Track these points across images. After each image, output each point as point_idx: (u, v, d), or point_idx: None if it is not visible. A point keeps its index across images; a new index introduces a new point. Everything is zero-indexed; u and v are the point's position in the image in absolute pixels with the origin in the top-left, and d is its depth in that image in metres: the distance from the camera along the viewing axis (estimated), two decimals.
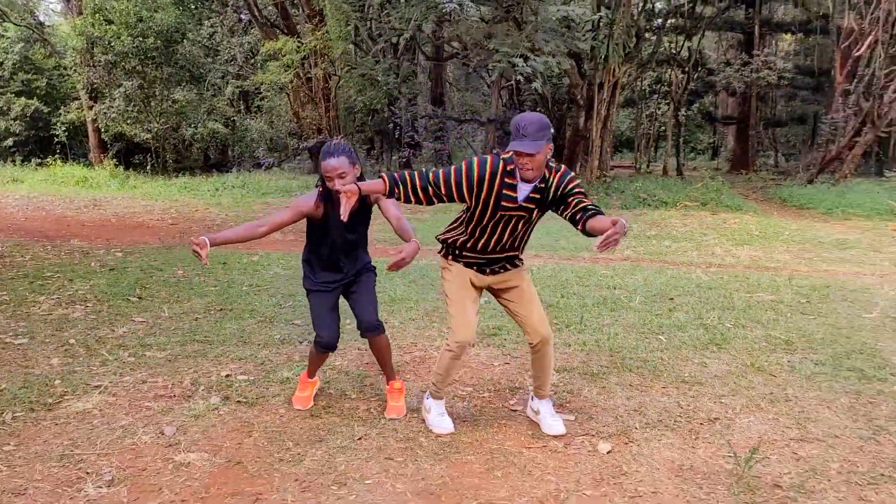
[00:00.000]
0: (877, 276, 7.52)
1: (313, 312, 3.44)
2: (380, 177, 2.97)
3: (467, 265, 3.26)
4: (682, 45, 20.34)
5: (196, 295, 6.28)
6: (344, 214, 2.87)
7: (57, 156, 20.83)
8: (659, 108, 28.32)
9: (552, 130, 2.95)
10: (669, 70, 22.60)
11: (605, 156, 17.42)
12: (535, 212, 3.08)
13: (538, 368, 3.32)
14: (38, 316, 5.46)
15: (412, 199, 2.99)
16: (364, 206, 3.32)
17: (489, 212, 3.05)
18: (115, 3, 18.74)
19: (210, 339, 4.83)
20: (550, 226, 11.50)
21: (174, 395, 3.74)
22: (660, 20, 20.38)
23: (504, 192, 3.00)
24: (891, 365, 4.31)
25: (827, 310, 5.83)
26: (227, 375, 4.04)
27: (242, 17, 25.09)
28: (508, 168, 2.99)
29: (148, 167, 19.97)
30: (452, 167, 3.03)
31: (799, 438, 3.22)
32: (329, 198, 3.26)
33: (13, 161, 20.99)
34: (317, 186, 3.31)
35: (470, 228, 3.14)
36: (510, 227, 3.10)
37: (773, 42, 29.06)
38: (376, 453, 3.04)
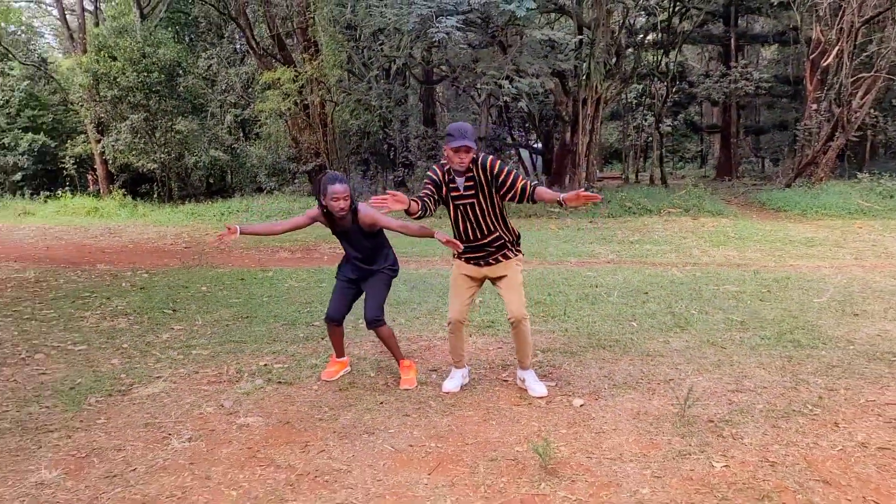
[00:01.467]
0: (834, 268, 8.32)
1: (332, 296, 4.35)
2: (413, 201, 3.75)
3: (468, 261, 4.07)
4: (661, 60, 21.27)
5: (223, 306, 7.05)
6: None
7: (66, 188, 21.61)
8: (645, 120, 29.29)
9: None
10: (652, 84, 23.57)
11: (592, 168, 18.29)
12: (479, 195, 3.82)
13: (517, 342, 4.07)
14: (88, 328, 6.21)
15: (431, 209, 3.84)
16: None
17: (450, 205, 3.92)
18: (120, 40, 19.64)
19: (243, 339, 5.59)
20: (541, 234, 12.33)
21: (224, 380, 4.50)
22: (640, 36, 21.34)
23: (451, 186, 3.89)
24: (824, 337, 5.09)
25: (783, 297, 6.62)
26: (265, 364, 4.80)
27: (238, 47, 26.08)
28: (446, 168, 3.88)
29: (154, 196, 20.76)
30: (426, 181, 3.96)
31: (735, 390, 4.00)
32: (329, 214, 4.14)
33: (22, 194, 21.79)
34: (320, 205, 4.17)
35: (452, 224, 4.02)
36: (471, 214, 3.88)
37: (756, 53, 30.15)
38: (396, 412, 3.81)
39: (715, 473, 2.96)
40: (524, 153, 27.34)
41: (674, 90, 21.36)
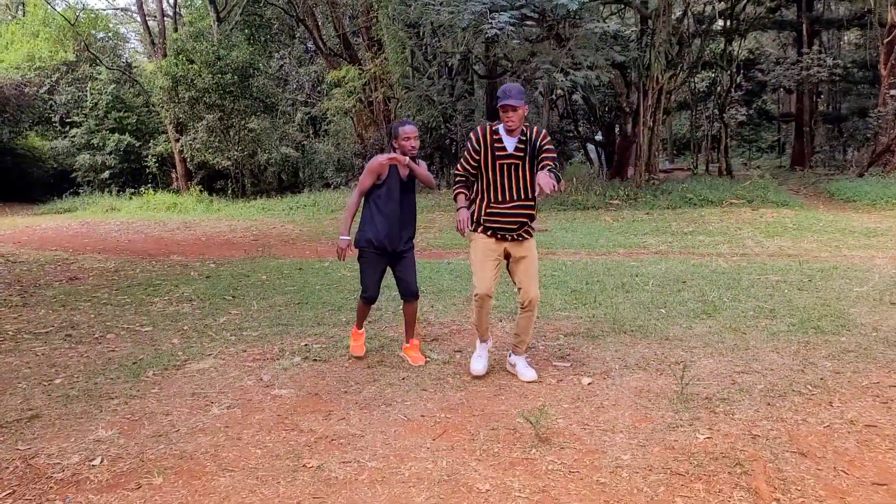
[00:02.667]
0: (889, 258, 8.13)
1: (364, 274, 4.69)
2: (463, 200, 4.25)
3: (490, 232, 4.15)
4: (729, 47, 20.79)
5: (278, 293, 7.54)
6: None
7: (149, 185, 22.95)
8: (716, 110, 28.59)
9: (526, 96, 4.17)
10: (718, 72, 23.05)
11: (654, 159, 18.11)
12: (525, 159, 4.06)
13: (521, 326, 4.22)
14: (156, 312, 6.80)
15: (466, 186, 4.25)
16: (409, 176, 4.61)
17: (490, 163, 4.08)
18: (196, 44, 20.72)
19: (291, 322, 6.04)
20: (594, 226, 12.42)
21: (267, 358, 4.92)
22: (704, 24, 20.92)
23: (495, 146, 4.07)
24: (850, 324, 5.11)
25: (823, 286, 6.59)
26: (306, 345, 5.21)
27: (308, 47, 26.98)
28: (493, 128, 4.10)
29: (229, 192, 21.83)
30: (464, 152, 4.22)
31: (741, 371, 4.13)
32: (391, 166, 4.54)
33: (109, 192, 23.26)
34: (392, 150, 4.59)
35: (483, 186, 4.14)
36: (510, 174, 4.07)
37: (835, 37, 28.95)
38: (414, 387, 4.13)
39: (697, 444, 3.15)
40: (590, 147, 27.19)
41: (743, 78, 20.82)
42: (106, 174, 24.14)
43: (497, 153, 4.09)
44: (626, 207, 15.27)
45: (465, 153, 4.21)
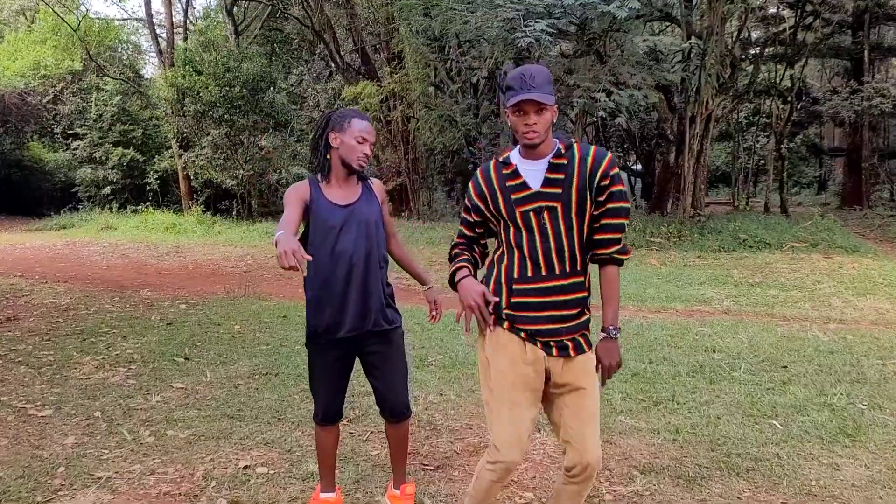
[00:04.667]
0: None
1: (311, 374, 2.92)
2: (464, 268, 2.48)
3: (520, 332, 2.34)
4: (784, 74, 19.01)
5: (245, 355, 5.83)
6: None
7: (149, 203, 21.50)
8: (757, 142, 26.71)
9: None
10: (769, 101, 21.23)
11: (700, 193, 16.25)
12: (569, 201, 2.29)
13: (570, 500, 2.41)
14: (74, 381, 5.11)
15: (479, 256, 2.56)
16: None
17: (507, 216, 2.35)
18: (205, 54, 19.32)
19: (242, 413, 4.29)
20: (639, 271, 10.57)
21: (179, 494, 3.18)
22: (756, 48, 19.16)
23: (508, 184, 2.35)
24: None
25: None
26: (246, 467, 3.45)
27: (329, 63, 25.59)
28: (501, 160, 2.40)
29: (234, 213, 20.27)
30: (464, 208, 2.53)
31: None
32: (318, 182, 2.80)
33: (110, 208, 21.83)
34: (320, 163, 2.80)
35: (505, 250, 2.41)
36: (544, 228, 2.30)
37: (884, 69, 26.98)
38: None
39: None
40: (622, 175, 25.39)
41: (798, 107, 19.00)
42: (107, 190, 22.73)
43: (513, 194, 2.34)
44: (671, 247, 13.42)
45: (463, 212, 2.54)
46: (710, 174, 33.56)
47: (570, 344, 2.33)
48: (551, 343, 2.32)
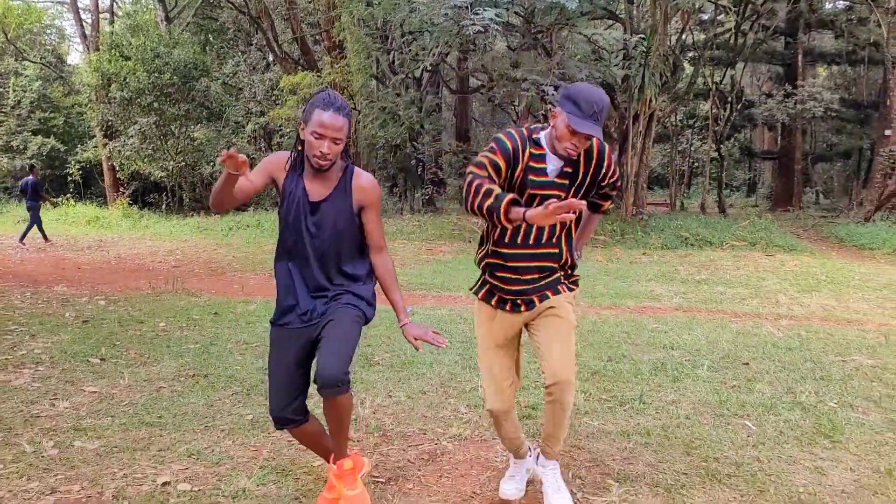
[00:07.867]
0: None
1: (269, 369, 2.70)
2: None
3: (502, 298, 2.65)
4: (723, 76, 19.32)
5: (170, 355, 5.27)
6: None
7: (70, 195, 20.28)
8: (691, 144, 27.19)
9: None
10: (704, 103, 21.57)
11: (642, 192, 16.29)
12: (570, 192, 2.56)
13: (550, 419, 2.61)
14: None
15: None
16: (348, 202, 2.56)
17: (517, 190, 2.52)
18: (133, 38, 18.32)
19: (164, 420, 3.79)
20: (586, 267, 10.37)
21: None
22: (696, 51, 19.42)
23: (531, 163, 2.52)
24: None
25: None
26: (165, 483, 2.97)
27: (266, 54, 24.69)
28: (534, 137, 2.55)
29: (163, 206, 19.29)
30: (486, 156, 2.49)
31: None
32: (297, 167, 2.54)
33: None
34: (295, 147, 2.54)
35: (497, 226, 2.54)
36: None
37: (812, 74, 27.88)
38: None
39: None
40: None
41: (736, 110, 19.33)
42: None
43: (531, 175, 2.53)
44: (615, 244, 13.35)
45: (486, 160, 2.48)
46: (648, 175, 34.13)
47: (539, 298, 2.62)
48: (525, 302, 2.63)
